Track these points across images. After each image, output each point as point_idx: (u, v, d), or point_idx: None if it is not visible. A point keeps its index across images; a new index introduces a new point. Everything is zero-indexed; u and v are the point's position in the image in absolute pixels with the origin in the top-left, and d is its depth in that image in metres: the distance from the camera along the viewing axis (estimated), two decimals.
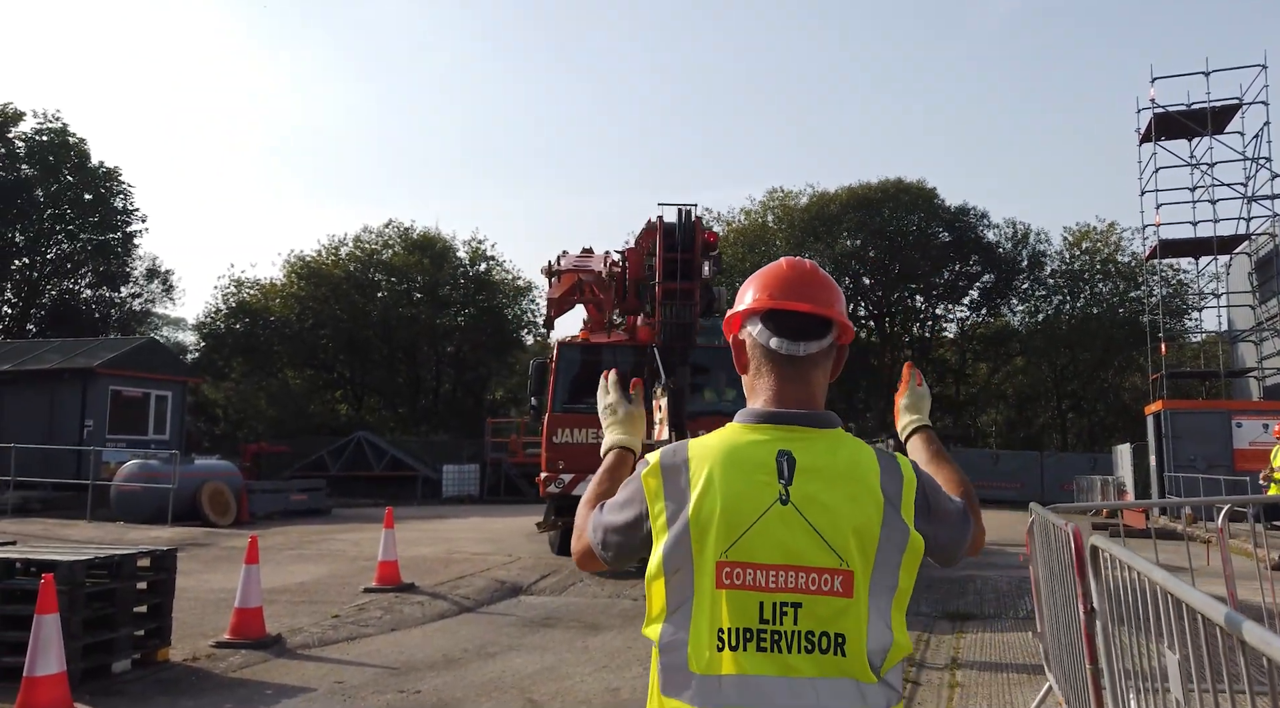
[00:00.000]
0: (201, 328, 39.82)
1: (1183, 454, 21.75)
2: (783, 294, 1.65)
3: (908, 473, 1.57)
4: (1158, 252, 27.23)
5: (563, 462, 11.84)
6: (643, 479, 1.58)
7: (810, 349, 1.63)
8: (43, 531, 15.12)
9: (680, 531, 1.50)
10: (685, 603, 1.49)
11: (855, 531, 1.47)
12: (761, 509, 1.48)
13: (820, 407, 1.63)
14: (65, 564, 5.99)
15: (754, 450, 1.54)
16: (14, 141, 34.66)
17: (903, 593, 1.51)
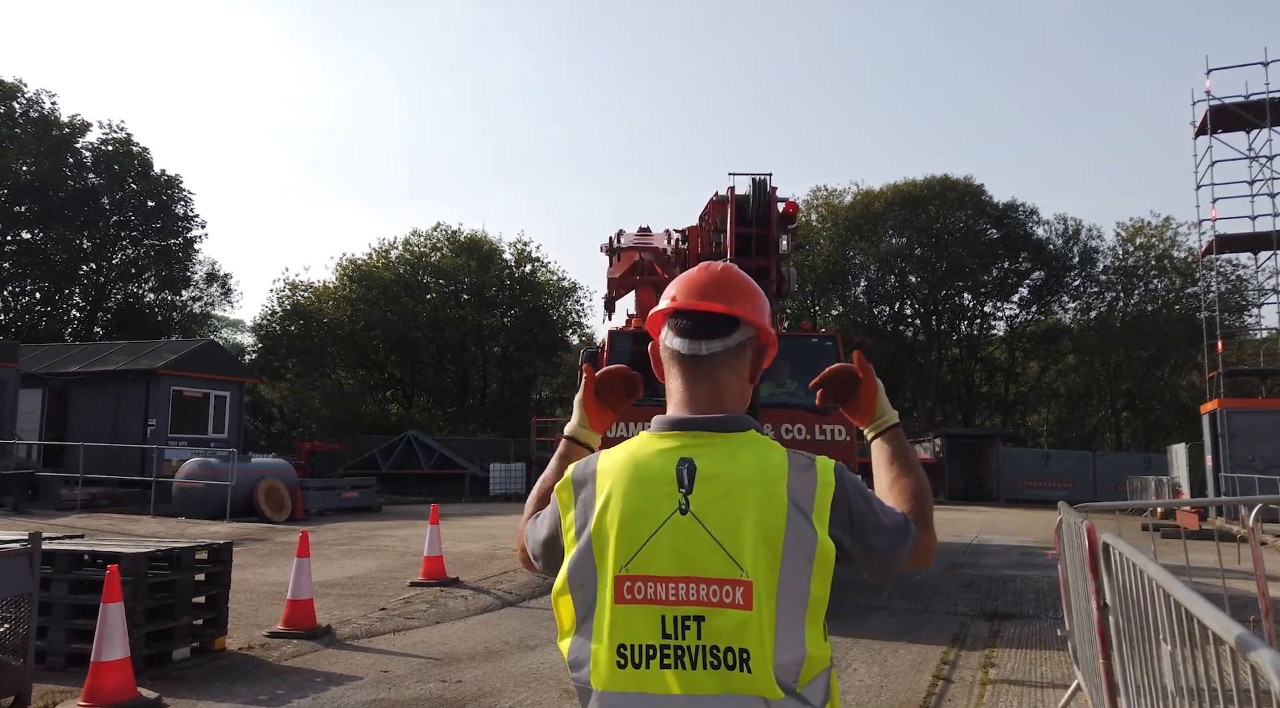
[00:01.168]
0: (258, 330, 41.02)
1: (1240, 454, 21.22)
2: (686, 295, 1.62)
3: (824, 477, 1.47)
4: (1214, 247, 26.54)
5: None
6: (556, 493, 1.57)
7: (713, 348, 1.58)
8: (108, 525, 15.79)
9: (584, 545, 1.47)
10: (589, 619, 1.45)
11: (756, 539, 1.40)
12: (660, 520, 1.43)
13: (730, 409, 1.56)
14: (129, 556, 6.35)
15: (657, 460, 1.50)
16: (81, 151, 36.10)
17: (816, 602, 1.42)
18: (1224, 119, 25.41)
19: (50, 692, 5.74)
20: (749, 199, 9.69)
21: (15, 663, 5.39)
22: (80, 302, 38.22)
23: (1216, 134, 25.45)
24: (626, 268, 12.23)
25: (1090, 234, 38.43)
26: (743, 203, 9.71)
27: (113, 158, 36.26)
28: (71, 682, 5.85)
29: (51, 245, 35.77)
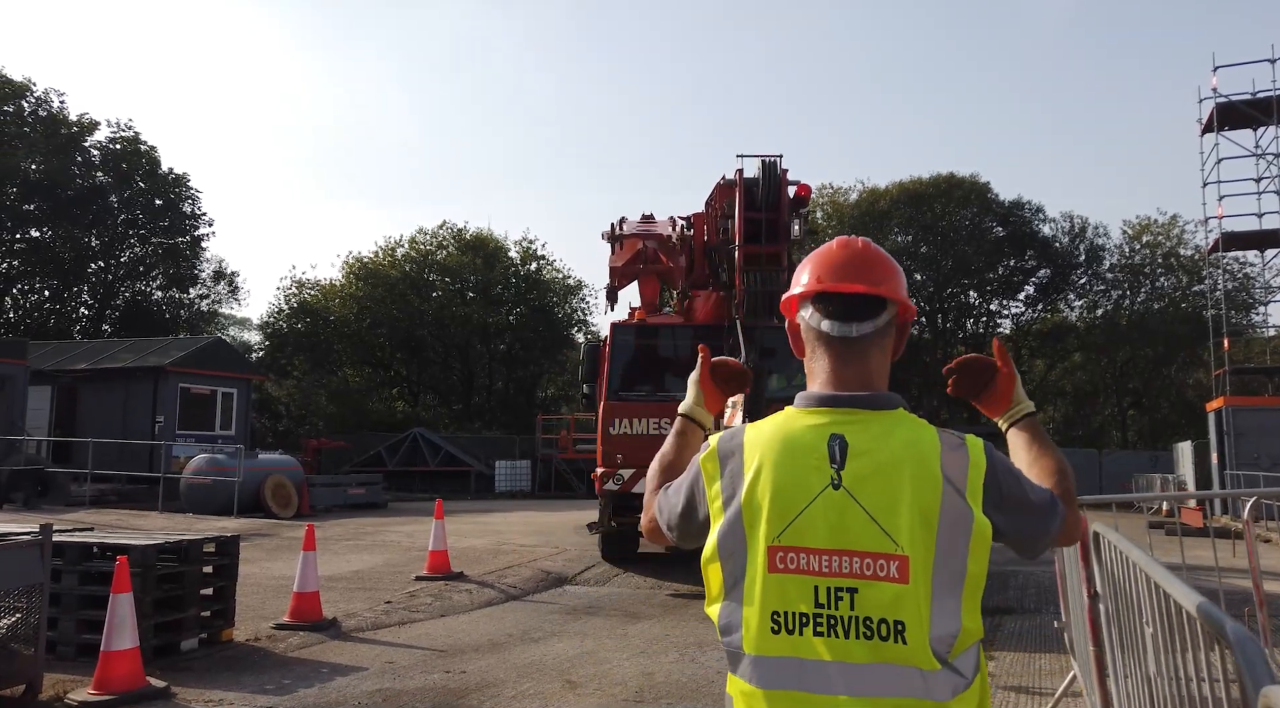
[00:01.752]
0: (265, 327, 41.19)
1: (1245, 452, 21.20)
2: (832, 276, 1.62)
3: (976, 456, 1.50)
4: (1221, 244, 26.48)
5: (621, 455, 10.56)
6: (700, 464, 1.61)
7: (863, 330, 1.59)
8: (117, 520, 15.92)
9: (734, 515, 1.51)
10: (738, 585, 1.49)
11: (911, 515, 1.43)
12: (812, 494, 1.47)
13: (879, 387, 1.59)
14: (138, 548, 6.45)
15: (807, 435, 1.52)
16: (90, 150, 36.29)
17: (974, 579, 1.45)
18: (1231, 116, 25.35)
19: (61, 681, 5.84)
20: (758, 182, 9.31)
21: (27, 652, 5.49)
22: (89, 299, 38.45)
23: (1223, 131, 25.39)
24: (629, 256, 11.48)
25: (1096, 232, 38.39)
26: (751, 186, 9.31)
27: (121, 156, 36.45)
28: (82, 671, 5.95)
29: (60, 243, 35.98)
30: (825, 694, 1.42)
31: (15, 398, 21.35)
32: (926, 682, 1.41)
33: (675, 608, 8.96)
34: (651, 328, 11.60)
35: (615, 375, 11.18)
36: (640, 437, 10.53)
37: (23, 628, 5.49)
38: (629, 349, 11.42)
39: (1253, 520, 6.03)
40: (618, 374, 11.19)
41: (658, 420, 10.38)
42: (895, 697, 1.40)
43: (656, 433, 9.66)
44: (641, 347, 11.53)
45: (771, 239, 9.22)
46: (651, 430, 10.44)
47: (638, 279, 12.06)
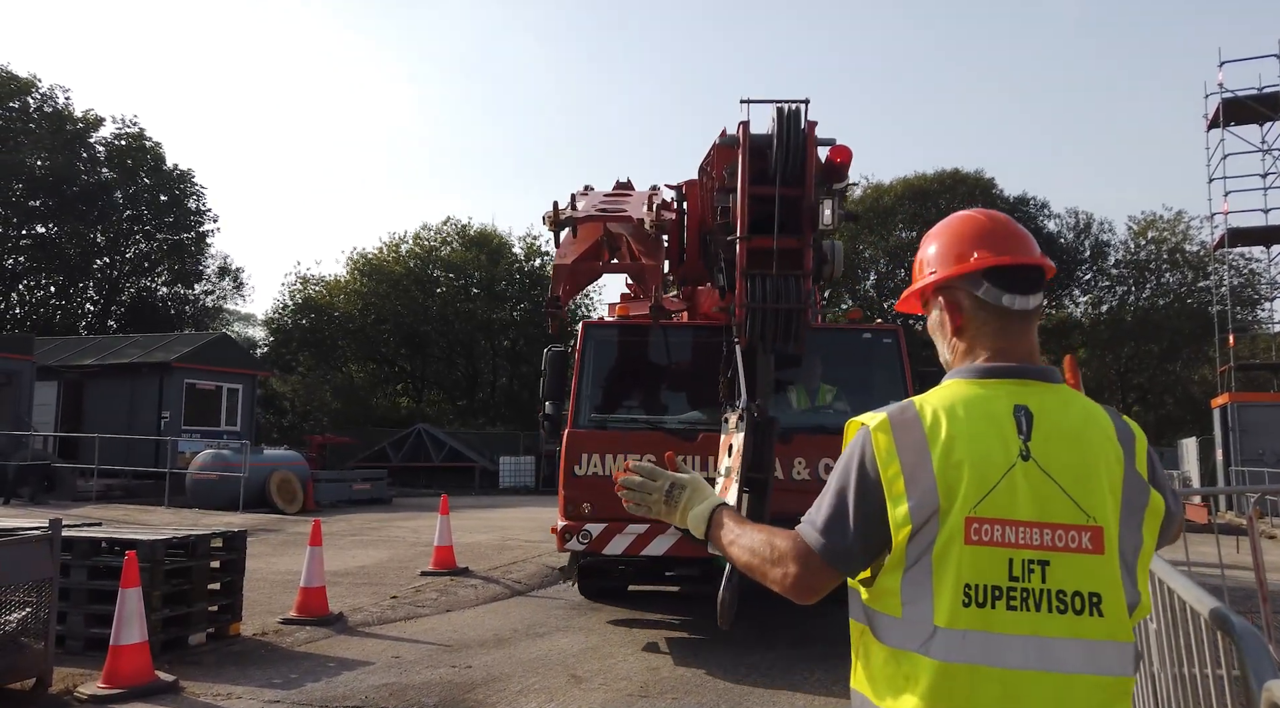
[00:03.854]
0: (270, 323, 41.28)
1: (1250, 448, 21.16)
2: (1005, 248, 1.59)
3: (1138, 430, 1.54)
4: (1226, 240, 26.42)
5: (589, 504, 7.37)
6: (872, 435, 1.51)
7: (1036, 302, 1.60)
8: (123, 516, 16.00)
9: (928, 485, 1.45)
10: (926, 555, 1.44)
11: (1103, 487, 1.45)
12: (1006, 465, 1.44)
13: (1039, 360, 1.59)
14: (146, 543, 6.48)
15: (990, 405, 1.49)
16: (95, 146, 36.41)
17: (1147, 553, 1.47)
18: (1237, 112, 25.27)
19: (70, 674, 5.88)
20: (771, 143, 6.35)
21: (37, 646, 5.53)
22: (94, 295, 38.58)
23: (1229, 127, 25.32)
24: (587, 246, 7.73)
25: (1102, 228, 38.33)
26: (762, 148, 6.41)
27: (126, 153, 36.54)
28: (91, 665, 5.99)
29: (65, 239, 36.09)
30: (1022, 669, 1.39)
31: (22, 394, 21.44)
32: (1121, 655, 1.40)
33: (680, 604, 8.99)
34: (639, 327, 8.13)
35: (587, 394, 7.93)
36: None
37: (32, 622, 5.53)
38: (609, 357, 8.29)
39: (1257, 517, 6.03)
40: (590, 392, 7.96)
41: (640, 457, 6.78)
42: (1094, 673, 1.39)
43: None
44: (627, 352, 8.36)
45: (792, 227, 6.31)
46: None
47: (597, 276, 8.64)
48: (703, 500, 1.75)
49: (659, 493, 1.79)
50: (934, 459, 1.45)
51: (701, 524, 1.73)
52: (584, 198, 8.29)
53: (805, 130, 6.39)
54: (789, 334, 6.44)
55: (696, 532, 1.73)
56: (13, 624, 5.43)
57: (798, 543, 1.54)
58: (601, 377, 8.20)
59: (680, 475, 1.80)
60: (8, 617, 5.42)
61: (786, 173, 6.36)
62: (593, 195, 8.54)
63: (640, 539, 7.16)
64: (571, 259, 7.52)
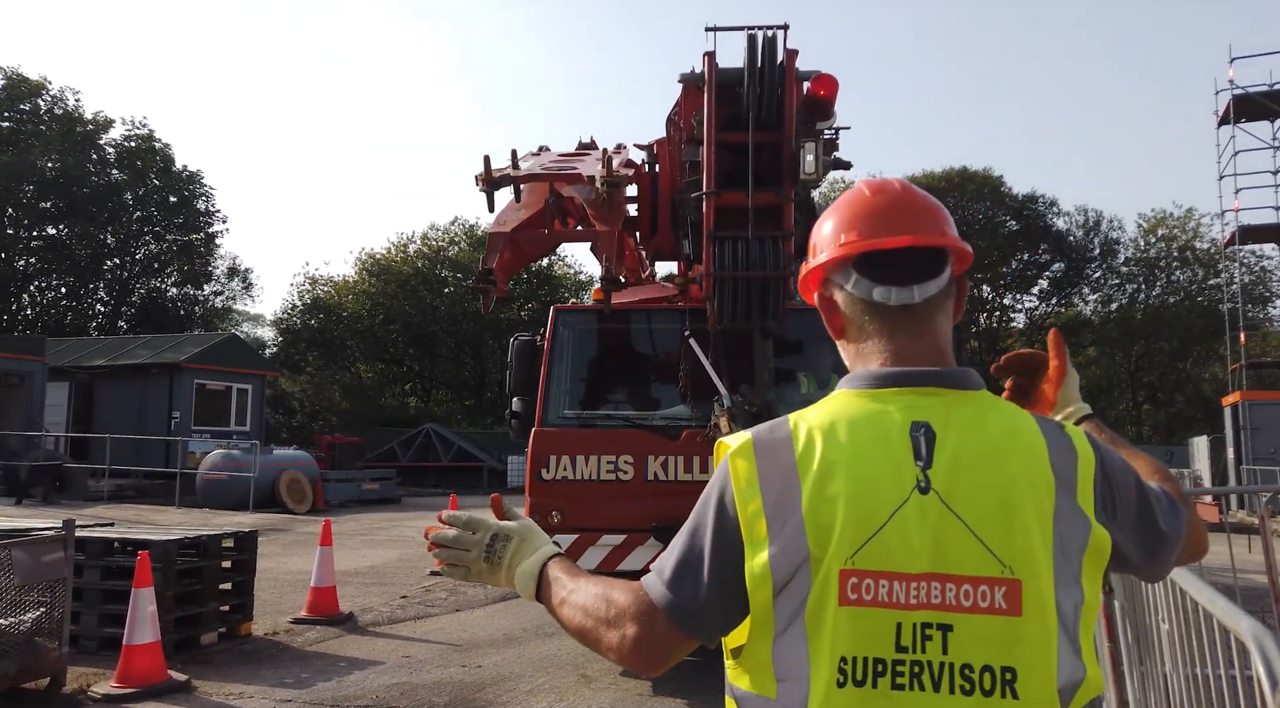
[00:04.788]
0: (279, 323, 41.48)
1: (1262, 447, 21.06)
2: (876, 229, 1.27)
3: (1082, 448, 1.19)
4: (1237, 238, 26.28)
5: (559, 511, 6.58)
6: (730, 462, 1.20)
7: (928, 292, 1.26)
8: (135, 515, 16.08)
9: (794, 527, 1.13)
10: (798, 618, 1.13)
11: (1023, 526, 1.11)
12: (897, 500, 1.12)
13: (952, 362, 1.26)
14: (158, 543, 6.53)
15: (879, 422, 1.18)
16: (105, 148, 36.63)
17: (1089, 608, 1.15)
18: (1247, 108, 25.14)
19: (84, 674, 5.93)
20: (743, 79, 5.39)
21: (51, 646, 5.57)
22: (104, 296, 38.81)
23: (1240, 124, 25.18)
24: (532, 214, 6.56)
25: (1111, 225, 38.22)
26: (733, 86, 5.44)
27: (135, 154, 36.74)
28: (104, 664, 6.04)
29: (76, 241, 36.31)
30: None
31: (34, 395, 21.58)
32: None
33: None
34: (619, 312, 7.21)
35: (556, 388, 7.14)
36: (588, 484, 6.61)
37: (47, 623, 5.57)
38: (579, 347, 7.43)
39: (1269, 516, 5.99)
40: (560, 386, 7.19)
41: (615, 458, 6.60)
42: None
43: (612, 479, 6.48)
44: (601, 342, 7.46)
45: (769, 179, 5.41)
46: (605, 473, 6.62)
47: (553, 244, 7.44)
48: (532, 552, 1.39)
49: (478, 549, 1.40)
50: (804, 493, 1.14)
51: (530, 583, 1.36)
52: (534, 158, 7.07)
53: (781, 64, 5.35)
54: (766, 308, 5.49)
55: (525, 594, 1.36)
56: (27, 624, 5.47)
57: (640, 598, 1.22)
58: (574, 368, 7.34)
59: (506, 524, 1.42)
60: (22, 617, 5.46)
61: (761, 114, 5.37)
62: (546, 155, 7.28)
63: (617, 552, 6.34)
64: (512, 226, 6.39)
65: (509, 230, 6.27)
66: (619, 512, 6.28)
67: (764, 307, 5.54)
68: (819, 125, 5.80)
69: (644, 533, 6.19)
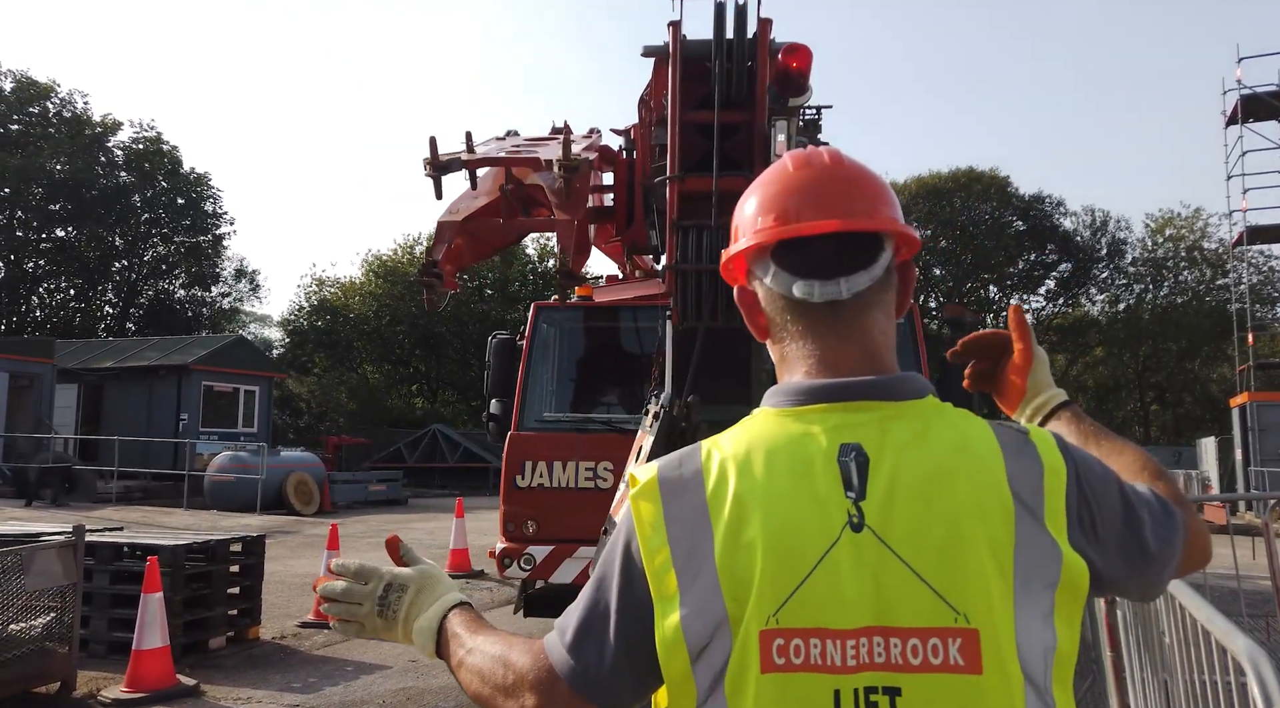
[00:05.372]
0: (286, 324, 41.62)
1: (1270, 448, 20.99)
2: (798, 210, 1.07)
3: (1050, 458, 1.00)
4: (1245, 238, 26.20)
5: (534, 521, 6.31)
6: (633, 504, 1.03)
7: (857, 286, 1.06)
8: (143, 518, 16.17)
9: (706, 582, 0.97)
10: (718, 687, 0.97)
11: (976, 563, 0.94)
12: (826, 541, 0.95)
13: (891, 365, 1.07)
14: (167, 548, 6.57)
15: (802, 447, 1.00)
16: (113, 150, 36.82)
17: (1064, 657, 0.97)
18: (1255, 108, 25.07)
19: (94, 678, 5.98)
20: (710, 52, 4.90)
21: (61, 651, 5.62)
22: (113, 298, 39.01)
23: (1248, 123, 25.11)
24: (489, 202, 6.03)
25: (1119, 225, 38.13)
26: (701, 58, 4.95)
27: (143, 156, 36.92)
28: (113, 669, 6.08)
29: (84, 243, 36.51)
30: None
31: (43, 396, 21.72)
32: None
33: None
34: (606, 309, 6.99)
35: (534, 389, 6.82)
36: (565, 492, 6.27)
37: (57, 627, 5.62)
38: (560, 346, 7.07)
39: (1273, 521, 5.99)
40: (538, 387, 6.87)
41: (595, 465, 6.27)
42: None
43: (591, 487, 6.15)
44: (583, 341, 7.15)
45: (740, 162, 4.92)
46: (584, 480, 6.28)
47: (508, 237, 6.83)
48: (431, 602, 1.21)
49: (369, 602, 1.23)
50: (716, 540, 0.97)
51: (429, 640, 1.19)
52: (496, 143, 6.46)
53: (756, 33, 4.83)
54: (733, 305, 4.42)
55: (424, 652, 1.20)
56: (38, 629, 5.52)
57: (539, 663, 1.07)
58: (553, 369, 7.00)
59: (401, 571, 1.26)
60: (33, 622, 5.52)
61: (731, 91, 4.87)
62: (512, 139, 6.71)
63: None
64: (464, 215, 5.86)
65: (459, 220, 5.79)
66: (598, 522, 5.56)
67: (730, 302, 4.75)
68: (792, 101, 5.23)
69: None
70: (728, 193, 4.75)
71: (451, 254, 5.65)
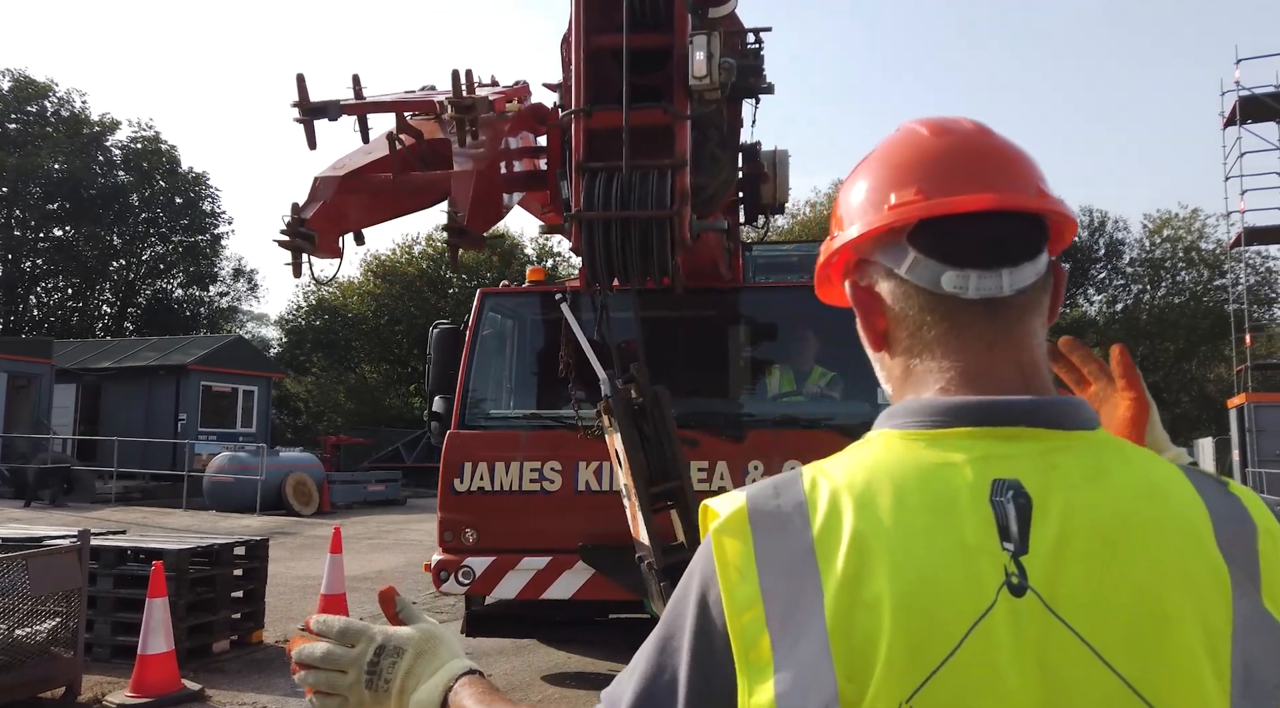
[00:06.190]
0: (284, 324, 41.58)
1: (1268, 449, 21.04)
2: (946, 184, 0.87)
3: (1262, 517, 0.79)
4: (1243, 239, 26.25)
5: (474, 530, 5.57)
6: (714, 542, 0.80)
7: (1022, 281, 0.86)
8: (142, 519, 16.15)
9: (812, 649, 0.73)
10: None
11: (1182, 645, 0.73)
12: (977, 605, 0.73)
13: (1049, 386, 0.87)
14: (172, 552, 6.57)
15: (941, 483, 0.78)
16: (111, 149, 36.79)
17: None
18: (1254, 109, 25.12)
19: (99, 683, 5.97)
20: None
21: (66, 655, 5.61)
22: (110, 297, 38.97)
23: (1246, 125, 25.17)
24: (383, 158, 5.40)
25: (1116, 226, 38.20)
26: None
27: (141, 155, 36.87)
28: (118, 673, 6.08)
29: (82, 242, 36.46)
30: None
31: (41, 396, 21.68)
32: None
33: None
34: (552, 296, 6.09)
35: (477, 383, 6.12)
36: (508, 496, 5.58)
37: (62, 632, 5.62)
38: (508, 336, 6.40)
39: None
40: (482, 381, 6.21)
41: (540, 465, 5.58)
42: None
43: (536, 490, 5.51)
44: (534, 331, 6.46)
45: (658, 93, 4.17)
46: (529, 482, 5.57)
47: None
48: (432, 671, 1.00)
49: (355, 669, 1.00)
50: (827, 594, 0.74)
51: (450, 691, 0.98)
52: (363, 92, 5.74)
53: None
54: (647, 258, 4.05)
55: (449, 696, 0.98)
56: (43, 634, 5.52)
57: None
58: (499, 361, 6.34)
59: (396, 632, 1.02)
60: (39, 626, 5.51)
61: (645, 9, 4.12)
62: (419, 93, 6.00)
63: (540, 577, 5.31)
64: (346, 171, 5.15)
65: (340, 175, 5.16)
66: (543, 529, 5.38)
67: (644, 256, 4.06)
68: (713, 12, 4.37)
69: (571, 554, 5.19)
70: (642, 128, 4.08)
71: (330, 213, 5.06)
